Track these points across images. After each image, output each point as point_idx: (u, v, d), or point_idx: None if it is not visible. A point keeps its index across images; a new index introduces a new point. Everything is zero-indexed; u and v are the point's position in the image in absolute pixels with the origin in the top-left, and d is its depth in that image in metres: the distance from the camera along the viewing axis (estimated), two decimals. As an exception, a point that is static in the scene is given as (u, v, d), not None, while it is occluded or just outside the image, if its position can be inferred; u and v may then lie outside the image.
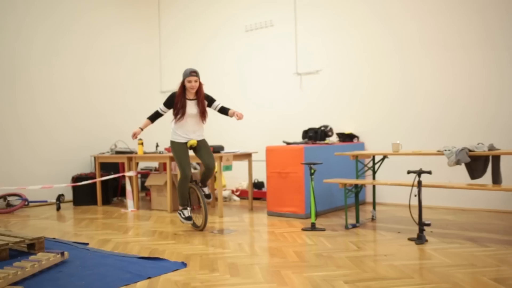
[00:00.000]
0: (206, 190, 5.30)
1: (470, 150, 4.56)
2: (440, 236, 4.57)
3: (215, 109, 5.19)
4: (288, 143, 6.28)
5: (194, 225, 5.27)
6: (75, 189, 7.61)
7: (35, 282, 3.33)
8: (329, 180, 5.27)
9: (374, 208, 5.67)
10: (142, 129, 5.20)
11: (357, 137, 6.89)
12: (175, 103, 5.03)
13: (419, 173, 4.42)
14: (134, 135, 5.14)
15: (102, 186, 7.67)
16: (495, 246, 4.11)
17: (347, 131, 6.96)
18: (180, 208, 5.20)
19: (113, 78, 9.02)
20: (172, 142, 5.13)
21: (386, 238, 4.58)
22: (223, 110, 5.17)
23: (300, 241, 4.54)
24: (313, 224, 5.07)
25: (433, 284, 3.08)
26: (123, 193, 8.12)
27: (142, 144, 7.20)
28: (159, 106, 5.17)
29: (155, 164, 8.99)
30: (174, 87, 9.25)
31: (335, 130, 6.95)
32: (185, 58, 9.22)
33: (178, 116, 5.02)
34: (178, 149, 5.08)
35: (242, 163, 7.74)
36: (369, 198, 6.78)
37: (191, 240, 4.73)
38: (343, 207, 6.30)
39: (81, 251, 4.32)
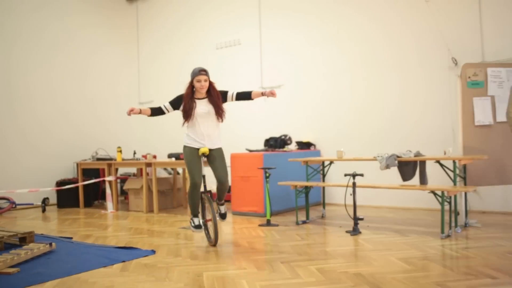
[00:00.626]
0: (222, 209, 4.93)
1: (398, 156, 5.41)
2: (374, 229, 5.40)
3: (231, 99, 4.79)
4: (250, 151, 7.09)
5: (208, 238, 4.85)
6: (59, 192, 8.29)
7: (28, 265, 4.05)
8: (282, 183, 6.09)
9: (324, 207, 6.51)
10: (140, 111, 4.60)
11: (314, 145, 7.72)
12: (184, 104, 4.65)
13: (353, 175, 5.26)
14: (132, 111, 4.54)
15: (84, 190, 8.36)
16: (413, 236, 4.96)
17: (305, 139, 7.78)
18: (191, 216, 4.89)
19: (95, 91, 9.72)
20: (184, 147, 4.76)
21: (328, 231, 5.40)
22: (243, 96, 4.77)
23: (255, 234, 5.33)
24: (268, 221, 5.87)
25: (350, 263, 3.90)
26: (103, 197, 8.80)
27: (121, 151, 7.93)
28: (164, 103, 4.73)
29: (133, 170, 9.69)
30: (151, 98, 10.13)
31: (294, 139, 7.76)
32: (162, 72, 9.99)
33: (187, 118, 4.65)
34: (189, 154, 4.69)
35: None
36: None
37: (162, 235, 5.49)
38: (299, 207, 7.10)
39: (66, 243, 5.05)
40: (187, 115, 4.61)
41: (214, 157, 4.74)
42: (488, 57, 6.35)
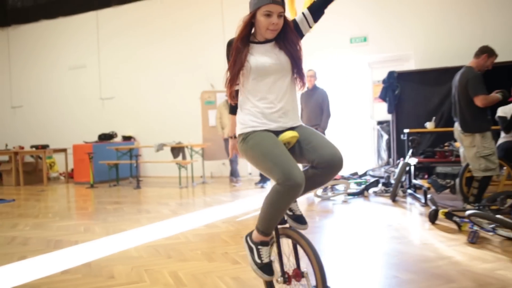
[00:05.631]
0: (297, 208, 2.56)
1: (164, 144, 9.55)
2: (147, 186, 9.49)
3: (308, 25, 2.53)
4: (86, 142, 10.86)
5: None
6: None
7: None
8: (102, 161, 9.97)
9: (131, 177, 10.50)
10: (234, 136, 2.72)
11: (134, 137, 11.65)
12: (233, 50, 2.51)
13: (136, 155, 9.30)
14: (233, 151, 2.79)
15: (-32, 173, 11.53)
16: (168, 187, 9.12)
17: (128, 134, 11.69)
18: (255, 238, 2.43)
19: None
20: (247, 135, 2.43)
21: (123, 187, 9.39)
22: (319, 4, 2.52)
23: (81, 191, 9.19)
24: (92, 185, 9.74)
25: (134, 201, 7.94)
26: (-17, 178, 11.99)
27: (-5, 144, 11.25)
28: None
29: (5, 157, 12.89)
30: (22, 103, 13.45)
31: (121, 134, 11.63)
32: (30, 82, 13.28)
33: (234, 75, 2.48)
34: (264, 140, 2.35)
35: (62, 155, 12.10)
36: (141, 173, 11.59)
37: (23, 194, 9.12)
38: (120, 178, 10.99)
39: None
40: (236, 69, 2.47)
41: (305, 134, 2.42)
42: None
